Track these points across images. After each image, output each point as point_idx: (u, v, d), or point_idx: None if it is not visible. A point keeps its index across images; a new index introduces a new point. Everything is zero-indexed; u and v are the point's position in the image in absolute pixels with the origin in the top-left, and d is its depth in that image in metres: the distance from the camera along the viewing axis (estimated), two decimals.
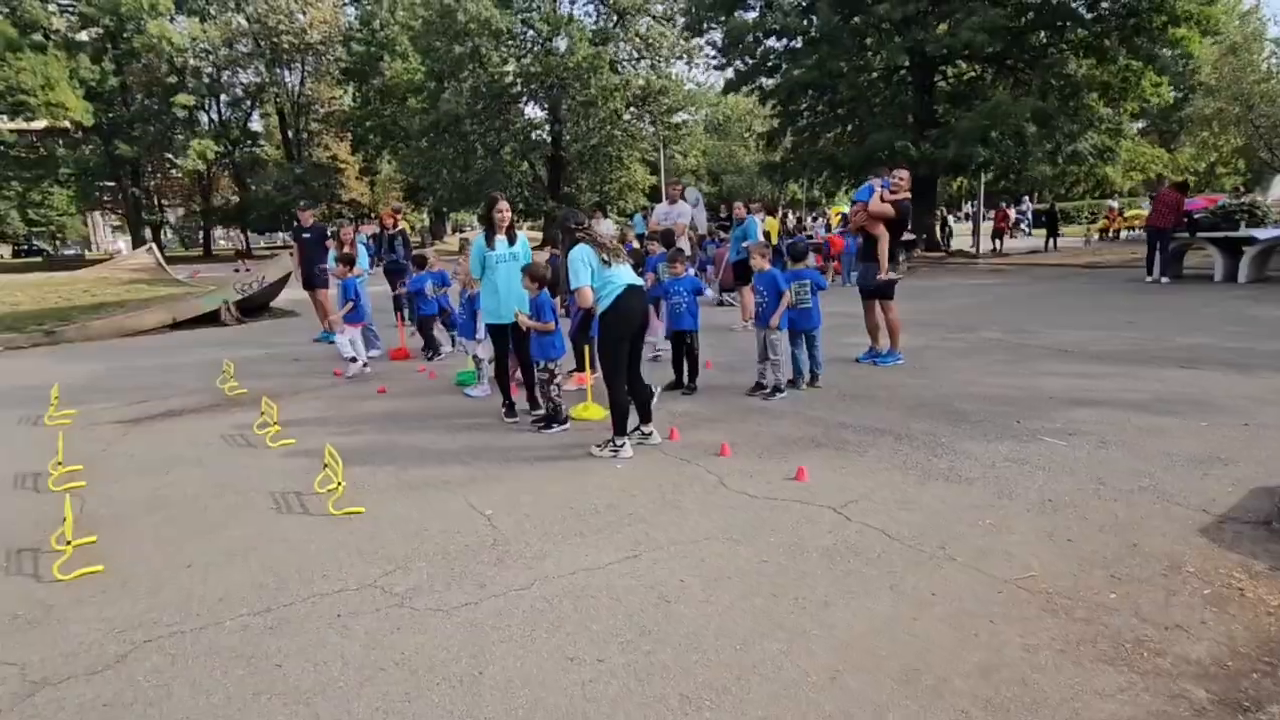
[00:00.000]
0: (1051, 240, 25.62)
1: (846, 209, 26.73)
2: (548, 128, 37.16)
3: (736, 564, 3.52)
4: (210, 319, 12.86)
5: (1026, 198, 36.06)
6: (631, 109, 35.96)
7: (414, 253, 10.51)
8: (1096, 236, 30.43)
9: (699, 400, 6.52)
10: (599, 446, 5.14)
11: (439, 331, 9.21)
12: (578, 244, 4.93)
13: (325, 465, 4.65)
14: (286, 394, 7.56)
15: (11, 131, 38.49)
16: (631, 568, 3.53)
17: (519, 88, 34.41)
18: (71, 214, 49.37)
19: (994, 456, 4.75)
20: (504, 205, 6.18)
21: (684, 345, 6.74)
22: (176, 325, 12.54)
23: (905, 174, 7.52)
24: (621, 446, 5.07)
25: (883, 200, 7.39)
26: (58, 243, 58.14)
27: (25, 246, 54.93)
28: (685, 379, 6.81)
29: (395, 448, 5.54)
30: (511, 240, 6.15)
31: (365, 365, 8.17)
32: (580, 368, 7.11)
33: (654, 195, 34.63)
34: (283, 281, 13.68)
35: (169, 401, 7.45)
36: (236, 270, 27.18)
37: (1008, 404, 5.92)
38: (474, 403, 6.85)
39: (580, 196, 34.56)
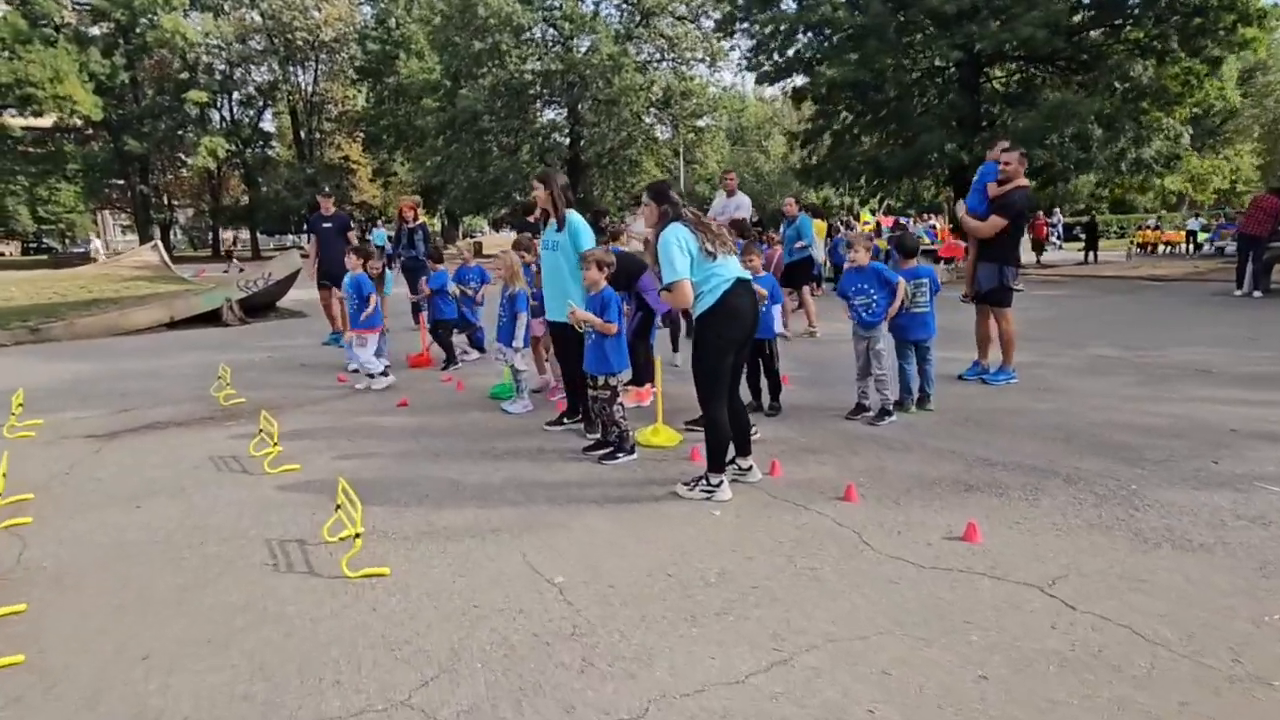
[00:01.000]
0: (1091, 253, 24.46)
1: (869, 217, 25.69)
2: (566, 130, 36.17)
3: (938, 680, 2.39)
4: (211, 319, 11.82)
5: (1058, 210, 34.84)
6: (653, 110, 34.95)
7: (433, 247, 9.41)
8: (1136, 250, 29.30)
9: (788, 424, 5.40)
10: (688, 485, 4.02)
11: (456, 337, 8.15)
12: (672, 224, 3.83)
13: (338, 506, 3.55)
14: (290, 406, 6.46)
15: (23, 129, 37.76)
16: (784, 682, 2.41)
17: (538, 86, 33.43)
18: (81, 211, 48.64)
19: (1215, 511, 3.61)
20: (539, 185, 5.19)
21: (762, 356, 5.61)
22: (174, 324, 11.49)
23: (1014, 154, 6.39)
24: (718, 486, 3.95)
25: (993, 193, 6.29)
26: (67, 240, 57.47)
27: (35, 244, 54.25)
28: (767, 397, 5.68)
29: (423, 480, 4.43)
30: (560, 225, 5.11)
31: (389, 376, 7.04)
32: (639, 380, 6.01)
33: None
34: (290, 280, 12.65)
35: (154, 411, 6.36)
36: (225, 271, 26.24)
37: (1178, 437, 4.79)
38: (513, 420, 5.75)
39: (599, 201, 33.53)
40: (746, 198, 9.46)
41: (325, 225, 9.54)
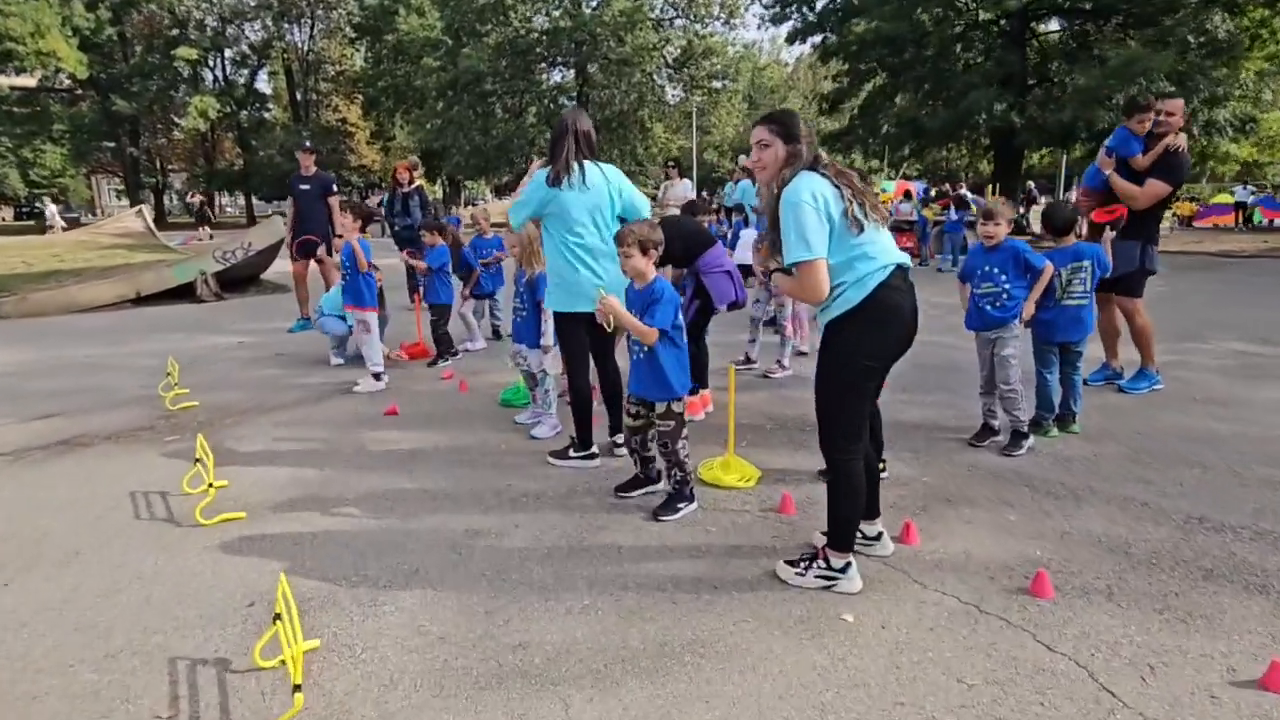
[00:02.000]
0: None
1: (891, 185, 23.98)
2: (574, 91, 34.38)
3: None
4: (184, 293, 10.50)
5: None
6: (667, 71, 33.16)
7: (432, 217, 8.06)
8: (1177, 224, 27.73)
9: (898, 452, 4.10)
10: (795, 567, 2.75)
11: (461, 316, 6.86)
12: (805, 174, 2.49)
13: (276, 616, 2.30)
14: (253, 412, 5.19)
15: (12, 88, 36.05)
16: None
17: (545, 45, 31.63)
18: (72, 175, 47.00)
19: None
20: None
21: None
22: (141, 300, 10.18)
23: (1177, 102, 5.04)
24: (844, 572, 2.68)
25: (1139, 159, 4.94)
26: (60, 206, 55.90)
27: (27, 209, 52.73)
28: None
29: (414, 544, 3.16)
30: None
31: (384, 380, 5.72)
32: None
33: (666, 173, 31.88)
34: (273, 250, 11.30)
35: (83, 419, 5.09)
36: (199, 240, 24.54)
37: None
38: (532, 442, 4.46)
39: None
40: None
41: (303, 187, 8.17)
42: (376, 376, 5.63)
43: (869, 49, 18.83)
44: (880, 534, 2.93)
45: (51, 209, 33.05)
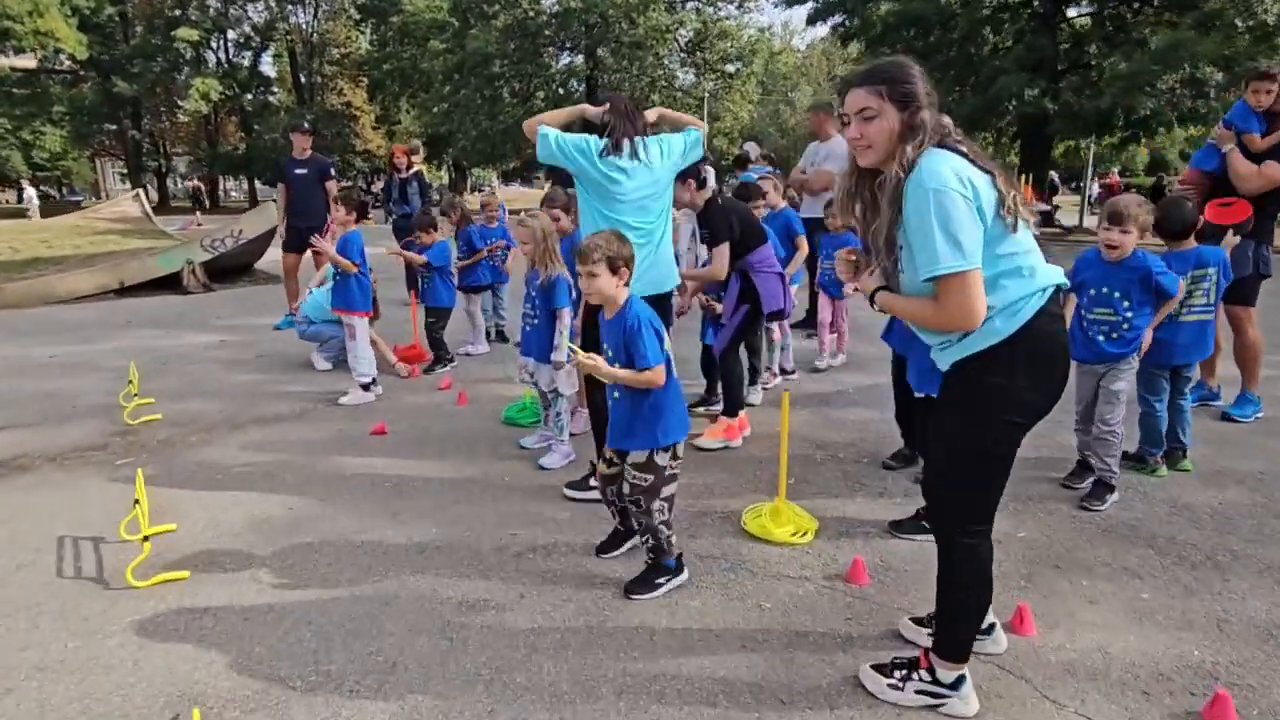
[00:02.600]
0: None
1: None
2: (584, 75, 33.50)
3: None
4: (172, 283, 9.86)
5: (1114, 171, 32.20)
6: (680, 54, 32.25)
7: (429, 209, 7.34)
8: None
9: None
10: (890, 676, 2.08)
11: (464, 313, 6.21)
12: (938, 152, 1.78)
13: None
14: (221, 426, 4.55)
15: (13, 69, 35.36)
16: None
17: (554, 28, 30.75)
18: (75, 158, 46.38)
19: None
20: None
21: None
22: (124, 290, 9.54)
23: None
24: (956, 688, 2.01)
25: (1256, 140, 4.22)
26: (64, 189, 55.34)
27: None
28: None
29: (398, 626, 2.50)
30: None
31: (375, 390, 5.07)
32: (731, 408, 4.07)
33: None
34: (265, 239, 10.64)
35: (32, 434, 4.46)
36: (198, 224, 23.64)
37: None
38: (543, 476, 3.80)
39: None
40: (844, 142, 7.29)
41: (299, 171, 7.47)
42: (365, 388, 4.98)
43: (892, 32, 18.00)
44: (992, 625, 2.27)
45: (29, 192, 31.24)
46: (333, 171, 7.73)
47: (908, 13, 16.46)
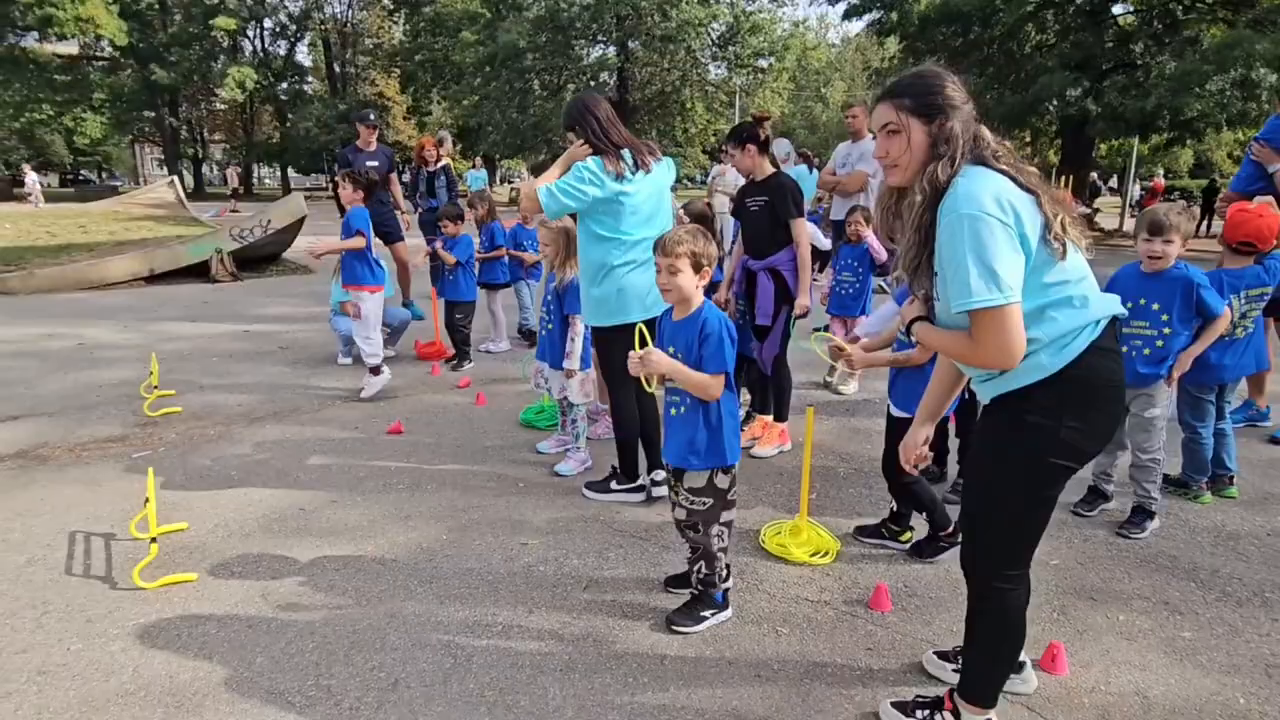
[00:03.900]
0: (1207, 222, 21.46)
1: None
2: (615, 69, 33.35)
3: None
4: (199, 271, 9.94)
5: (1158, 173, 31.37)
6: (711, 49, 31.94)
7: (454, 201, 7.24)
8: None
9: None
10: (912, 717, 1.97)
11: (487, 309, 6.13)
12: (977, 169, 1.64)
13: None
14: (239, 420, 4.54)
15: (56, 55, 36.07)
16: None
17: (586, 20, 30.60)
18: (117, 144, 47.26)
19: None
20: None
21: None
22: (154, 278, 9.64)
23: None
24: None
25: None
26: (104, 174, 56.48)
27: (73, 176, 53.35)
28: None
29: (402, 640, 2.44)
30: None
31: (385, 371, 5.02)
32: (780, 412, 3.97)
33: (715, 155, 30.68)
34: (294, 229, 10.69)
35: (53, 423, 4.48)
36: (234, 211, 23.84)
37: None
38: (560, 482, 3.72)
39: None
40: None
41: (369, 164, 7.37)
42: (375, 370, 4.92)
43: (931, 27, 17.64)
44: (1021, 664, 2.15)
45: (31, 177, 28.92)
46: (396, 162, 7.69)
47: (948, 8, 16.09)
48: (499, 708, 2.10)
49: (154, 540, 2.81)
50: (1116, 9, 17.77)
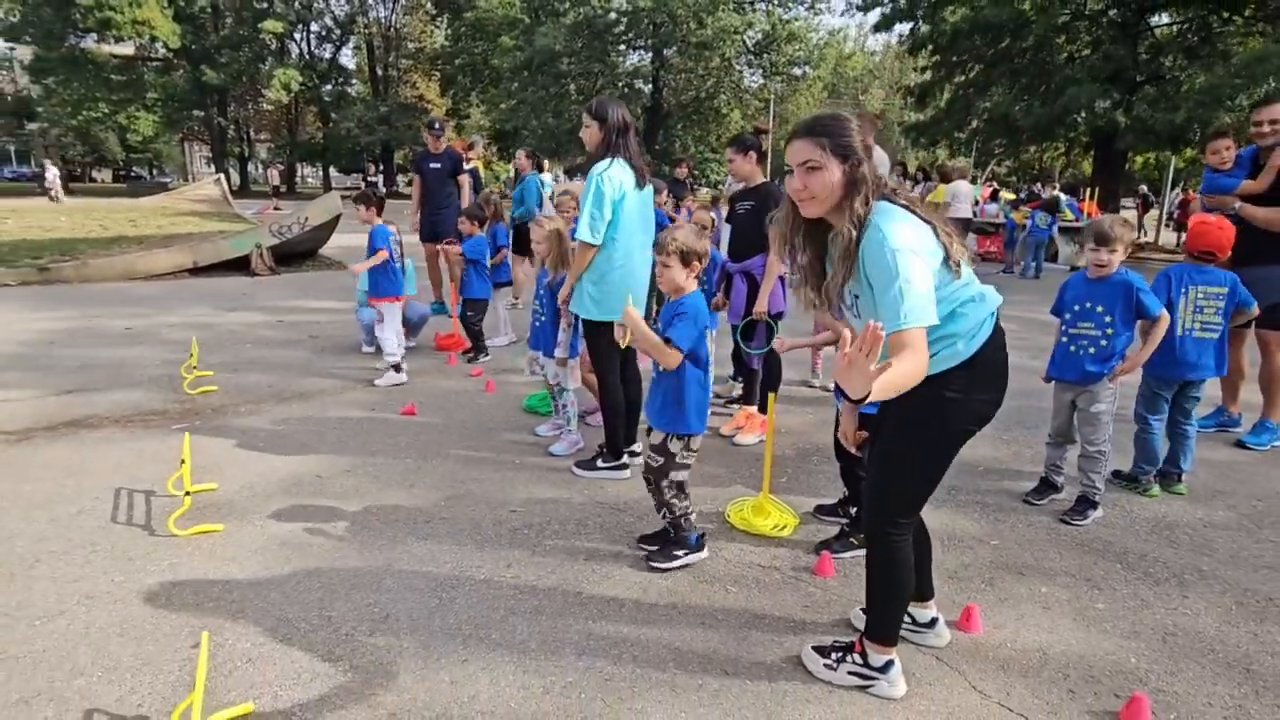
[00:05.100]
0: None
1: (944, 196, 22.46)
2: (650, 75, 33.78)
3: None
4: (241, 265, 10.49)
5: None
6: (746, 57, 32.21)
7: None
8: None
9: (954, 502, 3.56)
10: (827, 658, 2.26)
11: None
12: (885, 207, 1.89)
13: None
14: (269, 399, 4.95)
15: (113, 56, 37.57)
16: None
17: (623, 26, 31.09)
18: (168, 141, 48.93)
19: None
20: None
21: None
22: (197, 270, 10.21)
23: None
24: (884, 671, 2.18)
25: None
26: (154, 170, 58.45)
27: (125, 172, 55.29)
28: None
29: (395, 584, 2.78)
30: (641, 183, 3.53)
31: (403, 371, 5.41)
32: (749, 399, 4.28)
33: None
34: (330, 226, 11.20)
35: (101, 396, 4.93)
36: (276, 208, 24.41)
37: None
38: (555, 460, 4.05)
39: (677, 154, 31.29)
40: (881, 154, 7.26)
41: (433, 166, 7.68)
42: (396, 368, 5.31)
43: (962, 39, 17.70)
44: (934, 620, 2.42)
45: (51, 172, 28.02)
46: (463, 165, 7.98)
47: (980, 20, 16.16)
48: (473, 639, 2.43)
49: (188, 494, 3.19)
50: (1154, 19, 17.65)
